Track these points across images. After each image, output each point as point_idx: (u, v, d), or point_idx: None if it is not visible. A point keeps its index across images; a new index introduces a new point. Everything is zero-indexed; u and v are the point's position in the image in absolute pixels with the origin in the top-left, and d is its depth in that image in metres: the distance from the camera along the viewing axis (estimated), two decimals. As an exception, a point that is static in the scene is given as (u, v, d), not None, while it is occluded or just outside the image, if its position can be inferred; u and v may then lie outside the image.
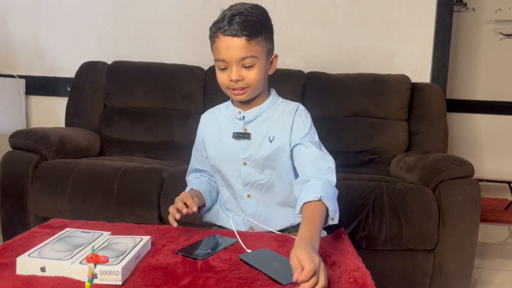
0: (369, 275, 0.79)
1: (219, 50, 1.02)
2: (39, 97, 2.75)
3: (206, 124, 1.20)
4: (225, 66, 1.03)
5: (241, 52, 1.00)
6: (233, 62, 1.01)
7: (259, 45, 1.02)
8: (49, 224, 1.06)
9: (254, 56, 1.01)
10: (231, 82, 1.03)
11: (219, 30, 1.01)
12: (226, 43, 1.00)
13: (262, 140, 1.09)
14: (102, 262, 0.67)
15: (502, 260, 2.36)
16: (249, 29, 0.98)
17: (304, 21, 2.59)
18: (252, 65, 1.02)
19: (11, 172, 1.80)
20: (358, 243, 1.63)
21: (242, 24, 0.98)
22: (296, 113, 1.10)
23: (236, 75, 1.01)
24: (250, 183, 1.12)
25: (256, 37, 1.00)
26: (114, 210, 1.71)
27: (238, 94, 1.05)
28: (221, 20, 1.01)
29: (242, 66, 1.01)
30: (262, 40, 1.02)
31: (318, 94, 2.29)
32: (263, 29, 1.03)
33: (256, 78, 1.03)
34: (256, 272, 0.80)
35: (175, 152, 2.26)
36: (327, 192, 0.95)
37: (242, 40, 0.99)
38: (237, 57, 1.00)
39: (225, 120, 1.15)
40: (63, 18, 2.69)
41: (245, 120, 1.11)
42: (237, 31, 0.98)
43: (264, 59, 1.05)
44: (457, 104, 3.66)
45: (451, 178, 1.68)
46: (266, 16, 1.06)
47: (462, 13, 3.79)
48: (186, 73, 2.38)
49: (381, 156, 2.21)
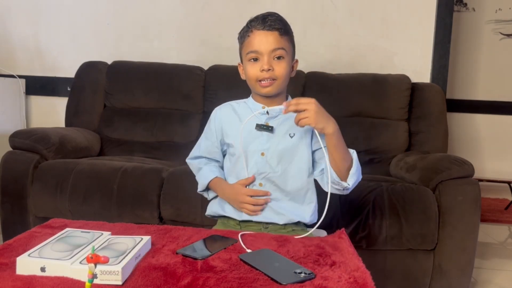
0: (369, 275, 0.79)
1: (253, 43, 1.12)
2: (39, 97, 2.75)
3: (224, 115, 1.25)
4: (257, 56, 1.12)
5: (273, 43, 1.10)
6: (265, 52, 1.10)
7: (288, 43, 1.13)
8: (49, 224, 1.06)
9: (284, 49, 1.12)
10: (262, 72, 1.11)
11: (254, 26, 1.12)
12: (260, 37, 1.11)
13: (283, 135, 1.16)
14: (102, 262, 0.67)
15: (502, 260, 2.36)
16: (281, 26, 1.12)
17: (304, 21, 2.59)
18: (282, 56, 1.12)
19: (11, 172, 1.80)
20: (358, 243, 1.63)
21: (275, 21, 1.11)
22: None
23: (268, 65, 1.10)
24: (264, 174, 1.16)
25: (286, 34, 1.13)
26: (114, 210, 1.71)
27: (266, 86, 1.13)
28: (255, 19, 1.13)
29: (273, 58, 1.11)
30: (289, 40, 1.14)
31: (318, 94, 2.28)
32: (290, 32, 1.16)
33: (284, 72, 1.12)
34: (256, 272, 0.80)
35: (175, 152, 2.26)
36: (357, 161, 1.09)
37: (275, 34, 1.11)
38: (270, 48, 1.10)
39: (245, 113, 1.20)
40: (63, 18, 2.69)
41: (269, 115, 1.18)
42: (270, 26, 1.10)
43: (290, 58, 1.15)
44: (457, 104, 3.65)
45: (451, 178, 1.68)
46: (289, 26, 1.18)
47: (462, 13, 3.79)
48: (186, 73, 2.38)
49: (381, 156, 2.21)
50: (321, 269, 0.82)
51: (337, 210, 1.64)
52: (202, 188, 1.26)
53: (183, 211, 1.70)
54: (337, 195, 1.66)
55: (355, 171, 1.08)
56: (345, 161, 1.07)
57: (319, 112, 1.02)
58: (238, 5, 2.59)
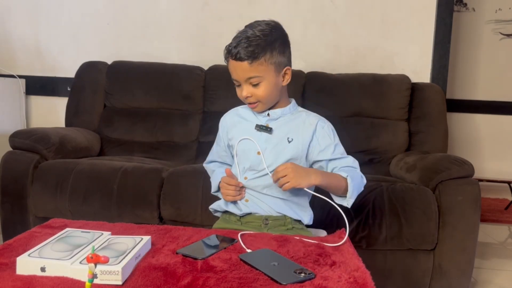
0: (369, 275, 0.79)
1: (231, 71, 1.15)
2: (39, 97, 2.75)
3: (229, 120, 1.29)
4: (238, 83, 1.16)
5: (245, 73, 1.11)
6: (242, 81, 1.13)
7: (262, 65, 1.10)
8: (49, 224, 1.06)
9: (258, 76, 1.11)
10: (244, 98, 1.16)
11: (228, 54, 1.13)
12: (234, 66, 1.12)
13: (281, 138, 1.18)
14: (102, 262, 0.67)
15: (502, 260, 2.36)
16: (249, 54, 1.08)
17: (304, 21, 2.59)
18: (258, 83, 1.12)
19: (11, 172, 1.80)
20: (358, 243, 1.63)
21: (246, 50, 1.08)
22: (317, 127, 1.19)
23: (246, 93, 1.14)
24: (255, 171, 1.18)
25: (258, 59, 1.09)
26: (114, 210, 1.71)
27: (253, 107, 1.18)
28: (229, 45, 1.12)
29: (251, 84, 1.13)
30: (265, 60, 1.10)
31: (318, 94, 2.29)
32: (267, 50, 1.10)
33: (264, 94, 1.14)
34: (256, 272, 0.80)
35: (175, 152, 2.26)
36: (354, 178, 1.12)
37: (244, 64, 1.10)
38: (243, 77, 1.12)
39: (249, 115, 1.24)
40: (63, 18, 2.69)
41: (270, 117, 1.20)
42: (240, 56, 1.09)
43: (272, 75, 1.13)
44: (457, 104, 3.65)
45: (451, 178, 1.68)
46: (271, 34, 1.12)
47: (462, 13, 3.79)
48: (186, 73, 2.38)
49: (381, 156, 2.21)
50: (321, 269, 0.82)
51: (337, 210, 1.64)
52: (214, 189, 1.28)
53: (183, 211, 1.70)
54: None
55: (351, 195, 1.12)
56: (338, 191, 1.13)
57: (298, 173, 1.05)
58: (238, 5, 2.59)
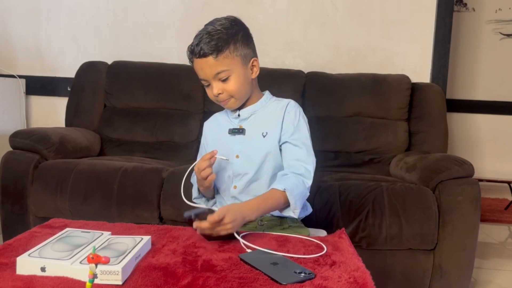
0: (369, 275, 0.79)
1: (197, 71, 1.12)
2: (39, 97, 2.75)
3: (208, 128, 1.30)
4: (207, 83, 1.13)
5: (212, 69, 1.08)
6: (210, 79, 1.10)
7: (228, 58, 1.08)
8: (49, 224, 1.06)
9: (225, 69, 1.09)
10: (215, 96, 1.13)
11: (191, 54, 1.10)
12: (199, 65, 1.10)
13: (256, 135, 1.17)
14: (103, 263, 0.67)
15: (502, 260, 2.36)
16: (213, 48, 1.06)
17: (304, 21, 2.59)
18: (227, 77, 1.10)
19: (11, 172, 1.80)
20: (358, 243, 1.63)
21: (208, 45, 1.06)
22: (286, 109, 1.17)
23: (216, 90, 1.11)
24: (240, 175, 1.17)
25: (222, 52, 1.07)
26: (114, 210, 1.71)
27: (226, 104, 1.15)
28: (191, 45, 1.10)
29: (219, 80, 1.10)
30: (230, 52, 1.09)
31: (318, 94, 2.29)
32: (230, 42, 1.09)
33: (235, 88, 1.11)
34: (256, 272, 0.80)
35: (175, 152, 2.26)
36: (294, 188, 1.06)
37: (209, 59, 1.07)
38: (211, 74, 1.09)
39: (224, 121, 1.25)
40: (63, 18, 2.69)
41: (241, 117, 1.20)
42: (203, 52, 1.07)
43: (240, 67, 1.11)
44: (457, 104, 3.65)
45: (451, 178, 1.68)
46: (232, 27, 1.11)
47: (462, 13, 3.79)
48: (186, 73, 2.38)
49: (381, 156, 2.21)
50: (321, 269, 0.82)
51: (337, 210, 1.65)
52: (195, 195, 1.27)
53: (183, 211, 1.69)
54: (337, 195, 1.67)
55: (295, 206, 1.07)
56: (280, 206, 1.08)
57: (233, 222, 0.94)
58: (238, 5, 2.59)
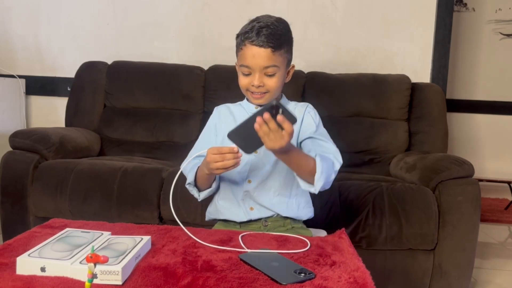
0: (369, 275, 0.79)
1: (246, 57, 1.10)
2: (39, 97, 2.75)
3: (222, 115, 1.27)
4: (249, 72, 1.12)
5: (265, 61, 1.09)
6: (257, 69, 1.10)
7: (281, 56, 1.11)
8: (49, 224, 1.06)
9: (276, 65, 1.10)
10: (253, 86, 1.12)
11: (247, 39, 1.09)
12: (252, 52, 1.09)
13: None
14: (102, 262, 0.67)
15: (502, 260, 2.36)
16: (274, 41, 1.07)
17: (304, 21, 2.59)
18: (273, 73, 1.11)
19: (11, 172, 1.80)
20: (358, 243, 1.63)
21: (269, 37, 1.07)
22: (306, 110, 1.21)
23: (259, 82, 1.10)
24: (257, 170, 1.18)
25: (280, 49, 1.09)
26: (114, 210, 1.71)
27: (257, 98, 1.14)
28: (250, 30, 1.09)
29: (265, 74, 1.11)
30: (284, 52, 1.11)
31: (318, 94, 2.29)
32: (286, 42, 1.12)
33: (276, 86, 1.12)
34: (256, 272, 0.80)
35: (175, 152, 2.26)
36: (325, 162, 1.04)
37: (268, 51, 1.08)
38: (262, 65, 1.09)
39: (240, 114, 1.22)
40: (63, 18, 2.69)
41: None
42: (264, 42, 1.07)
43: (283, 69, 1.14)
44: (457, 104, 3.65)
45: (451, 178, 1.68)
46: (288, 30, 1.15)
47: (462, 13, 3.79)
48: (186, 73, 2.38)
49: (381, 156, 2.21)
50: (321, 269, 0.82)
51: (337, 210, 1.65)
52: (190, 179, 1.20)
53: (183, 211, 1.70)
54: (337, 195, 1.67)
55: (320, 177, 1.03)
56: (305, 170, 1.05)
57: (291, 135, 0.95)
58: (238, 5, 2.59)
